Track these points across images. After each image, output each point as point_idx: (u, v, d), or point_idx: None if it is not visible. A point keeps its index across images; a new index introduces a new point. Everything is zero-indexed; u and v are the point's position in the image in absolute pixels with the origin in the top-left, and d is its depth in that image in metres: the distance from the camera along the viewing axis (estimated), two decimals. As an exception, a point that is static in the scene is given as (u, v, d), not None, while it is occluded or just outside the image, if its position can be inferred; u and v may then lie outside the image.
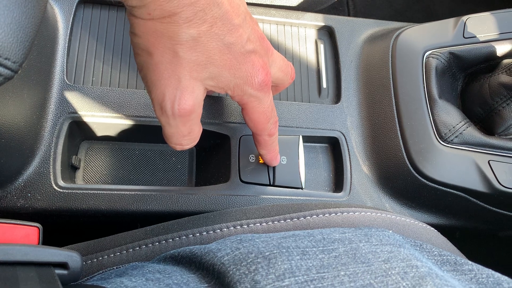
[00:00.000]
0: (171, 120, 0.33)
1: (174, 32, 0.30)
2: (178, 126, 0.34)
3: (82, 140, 0.48)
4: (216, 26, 0.31)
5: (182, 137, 0.36)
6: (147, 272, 0.29)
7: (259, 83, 0.36)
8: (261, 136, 0.41)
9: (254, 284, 0.24)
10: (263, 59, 0.36)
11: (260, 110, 0.38)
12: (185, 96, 0.32)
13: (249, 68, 0.34)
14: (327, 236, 0.30)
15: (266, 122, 0.39)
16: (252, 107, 0.38)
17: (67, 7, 0.49)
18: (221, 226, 0.37)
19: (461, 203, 0.50)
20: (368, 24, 0.59)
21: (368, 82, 0.54)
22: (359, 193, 0.50)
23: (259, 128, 0.40)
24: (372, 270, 0.26)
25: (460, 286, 0.27)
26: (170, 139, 0.36)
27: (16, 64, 0.26)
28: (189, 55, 0.31)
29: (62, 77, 0.46)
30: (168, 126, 0.34)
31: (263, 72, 0.35)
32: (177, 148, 0.37)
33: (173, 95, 0.32)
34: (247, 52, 0.34)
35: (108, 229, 0.43)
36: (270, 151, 0.44)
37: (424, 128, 0.48)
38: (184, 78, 0.32)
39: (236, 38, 0.33)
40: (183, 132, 0.35)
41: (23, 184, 0.42)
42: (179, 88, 0.32)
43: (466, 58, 0.51)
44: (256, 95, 0.36)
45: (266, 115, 0.39)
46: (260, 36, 0.37)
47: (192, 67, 0.32)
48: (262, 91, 0.36)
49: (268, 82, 0.36)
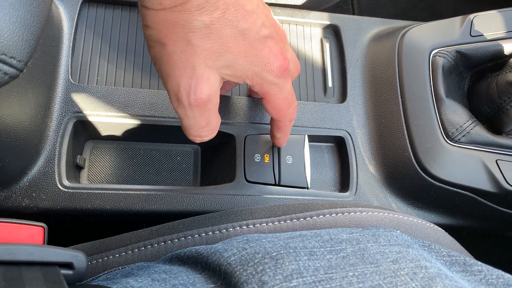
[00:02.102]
0: (188, 111, 0.33)
1: (186, 20, 0.29)
2: (195, 117, 0.33)
3: (87, 140, 0.48)
4: (228, 12, 0.30)
5: (200, 128, 0.35)
6: (153, 272, 0.29)
7: (278, 69, 0.34)
8: (282, 122, 0.40)
9: (262, 284, 0.24)
10: (280, 44, 0.35)
11: (282, 97, 0.37)
12: (200, 85, 0.31)
13: (266, 54, 0.33)
14: (334, 236, 0.30)
15: (288, 108, 0.39)
16: (273, 95, 0.37)
17: (71, 7, 0.49)
18: (227, 226, 0.37)
19: (468, 203, 0.49)
20: (374, 23, 0.58)
21: (374, 81, 0.53)
22: (365, 193, 0.49)
23: (282, 115, 0.39)
24: (381, 271, 0.26)
25: (469, 287, 0.27)
26: (189, 131, 0.35)
27: (21, 62, 0.26)
28: (203, 43, 0.30)
29: (66, 77, 0.46)
30: (186, 118, 0.34)
31: (281, 57, 0.34)
32: (196, 140, 0.36)
33: (188, 84, 0.31)
34: (262, 38, 0.33)
35: (113, 229, 0.43)
36: (287, 134, 0.43)
37: (431, 127, 0.48)
38: (198, 66, 0.31)
39: (250, 24, 0.32)
40: (201, 123, 0.34)
41: (28, 184, 0.42)
42: (194, 77, 0.31)
43: (473, 57, 0.51)
44: (277, 82, 0.35)
45: (288, 101, 0.38)
46: (274, 23, 0.36)
47: (207, 55, 0.31)
48: (282, 77, 0.35)
49: (287, 67, 0.35)
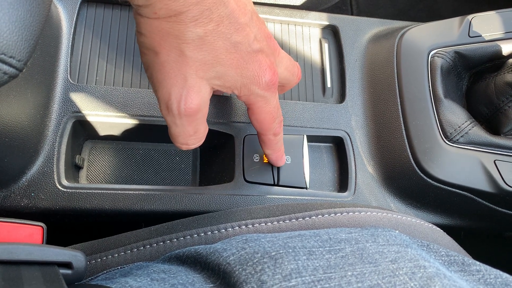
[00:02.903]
0: (177, 120, 0.33)
1: (180, 31, 0.30)
2: (184, 125, 0.34)
3: (85, 140, 0.48)
4: (222, 25, 0.31)
5: (188, 136, 0.35)
6: (152, 272, 0.29)
7: (266, 83, 0.35)
8: (266, 136, 0.41)
9: (261, 284, 0.24)
10: (270, 58, 0.36)
11: (267, 110, 0.38)
12: (191, 95, 0.32)
13: (256, 68, 0.34)
14: (333, 236, 0.30)
15: (271, 122, 0.39)
16: (258, 107, 0.37)
17: (70, 6, 0.49)
18: (226, 226, 0.37)
19: (466, 203, 0.49)
20: (372, 23, 0.58)
21: (373, 82, 0.53)
22: (364, 193, 0.49)
23: (265, 128, 0.40)
24: (380, 271, 0.26)
25: (468, 286, 0.27)
26: (176, 139, 0.36)
27: (21, 62, 0.26)
28: (196, 54, 0.31)
29: (65, 76, 0.46)
30: (174, 126, 0.34)
31: (270, 72, 0.35)
32: (183, 147, 0.37)
33: (179, 94, 0.32)
34: (254, 52, 0.34)
35: (112, 228, 0.43)
36: (275, 151, 0.43)
37: (430, 127, 0.48)
38: (190, 77, 0.32)
39: (243, 37, 0.32)
40: (189, 131, 0.35)
41: (27, 184, 0.42)
42: (185, 87, 0.32)
43: (471, 57, 0.51)
44: (263, 95, 0.36)
45: (272, 115, 0.39)
46: (267, 36, 0.36)
47: (199, 66, 0.32)
48: (269, 91, 0.36)
49: (275, 82, 0.36)
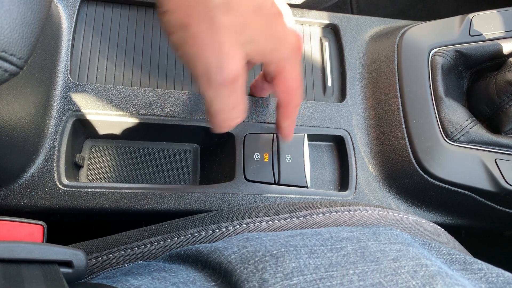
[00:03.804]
0: (218, 91, 0.32)
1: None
2: (225, 97, 0.33)
3: (86, 138, 0.48)
4: None
5: (230, 110, 0.34)
6: (153, 270, 0.29)
7: (293, 45, 0.35)
8: (290, 106, 0.40)
9: (262, 282, 0.24)
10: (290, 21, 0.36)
11: (294, 75, 0.38)
12: (229, 61, 0.32)
13: (281, 30, 0.34)
14: (334, 234, 0.30)
15: (298, 88, 0.39)
16: (288, 72, 0.37)
17: (71, 5, 0.49)
18: (227, 225, 0.37)
19: (467, 202, 0.49)
20: (373, 22, 0.58)
21: (374, 80, 0.53)
22: (364, 192, 0.49)
23: (291, 95, 0.39)
24: (381, 269, 0.26)
25: (470, 285, 0.27)
26: (218, 115, 0.35)
27: (21, 60, 0.26)
28: (225, 20, 0.31)
29: (66, 75, 0.46)
30: (215, 101, 0.33)
31: (295, 34, 0.35)
32: (225, 126, 0.36)
33: (217, 63, 0.31)
34: (276, 14, 0.34)
35: (113, 227, 0.43)
36: (293, 122, 0.43)
37: (430, 126, 0.48)
38: (224, 44, 0.31)
39: (262, 1, 0.33)
40: (231, 104, 0.34)
41: (27, 182, 0.42)
42: (222, 55, 0.31)
43: (472, 56, 0.51)
44: (291, 58, 0.36)
45: (298, 81, 0.38)
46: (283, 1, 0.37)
47: (230, 33, 0.31)
48: (296, 53, 0.36)
49: (301, 44, 0.36)
